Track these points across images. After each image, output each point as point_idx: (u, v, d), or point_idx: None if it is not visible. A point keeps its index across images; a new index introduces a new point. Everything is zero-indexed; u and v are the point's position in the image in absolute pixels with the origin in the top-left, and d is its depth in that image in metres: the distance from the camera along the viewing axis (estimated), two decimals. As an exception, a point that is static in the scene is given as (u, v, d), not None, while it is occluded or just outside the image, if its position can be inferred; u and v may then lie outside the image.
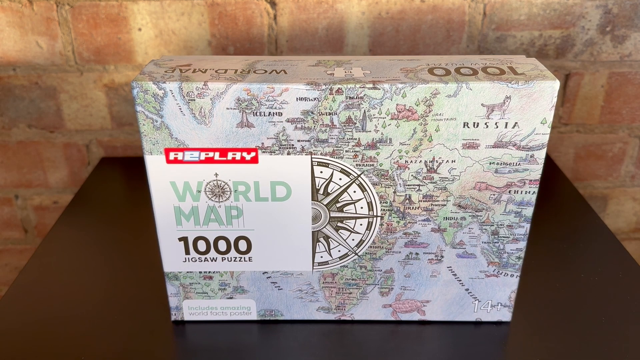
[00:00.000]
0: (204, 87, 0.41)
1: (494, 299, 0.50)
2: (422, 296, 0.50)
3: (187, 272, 0.49)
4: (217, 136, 0.42)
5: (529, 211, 0.46)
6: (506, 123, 0.42)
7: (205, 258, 0.48)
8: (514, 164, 0.43)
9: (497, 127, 0.42)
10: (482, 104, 0.41)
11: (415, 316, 0.51)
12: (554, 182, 0.76)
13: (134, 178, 0.79)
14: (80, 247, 0.65)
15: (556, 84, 0.41)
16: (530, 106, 0.41)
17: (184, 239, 0.47)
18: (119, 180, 0.78)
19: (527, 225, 0.46)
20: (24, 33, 0.76)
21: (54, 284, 0.58)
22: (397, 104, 0.41)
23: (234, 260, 0.48)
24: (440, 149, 0.43)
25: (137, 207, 0.73)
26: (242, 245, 0.48)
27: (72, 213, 0.71)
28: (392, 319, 0.51)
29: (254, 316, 0.51)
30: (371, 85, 0.40)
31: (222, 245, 0.48)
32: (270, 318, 0.51)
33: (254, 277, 0.49)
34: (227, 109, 0.41)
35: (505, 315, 0.51)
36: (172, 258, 0.48)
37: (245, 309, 0.51)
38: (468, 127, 0.42)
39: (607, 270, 0.59)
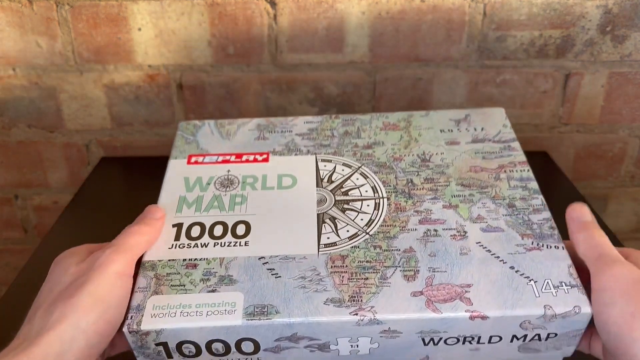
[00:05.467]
0: (233, 120, 0.54)
1: (552, 277, 0.40)
2: (459, 279, 0.40)
3: (169, 260, 0.42)
4: (235, 146, 0.51)
5: (534, 184, 0.47)
6: (475, 128, 0.52)
7: (196, 244, 0.43)
8: (497, 152, 0.50)
9: (468, 130, 0.52)
10: (449, 119, 0.53)
11: (460, 307, 0.38)
12: (554, 182, 0.76)
13: (134, 178, 0.79)
14: (80, 247, 0.65)
15: (501, 110, 0.54)
16: (488, 119, 0.53)
17: (178, 225, 0.45)
18: (119, 180, 0.78)
19: (541, 197, 0.46)
20: (23, 33, 0.76)
21: (54, 284, 0.58)
22: (382, 122, 0.53)
23: (228, 245, 0.43)
24: (427, 146, 0.51)
25: (137, 207, 0.73)
26: (240, 230, 0.44)
27: (72, 213, 0.71)
28: (431, 313, 0.38)
29: (238, 317, 0.39)
30: (361, 114, 0.55)
31: (217, 230, 0.44)
32: (262, 318, 0.39)
33: (247, 264, 0.42)
34: (248, 130, 0.53)
35: (581, 300, 0.38)
36: (157, 245, 0.43)
37: (228, 305, 0.39)
38: (444, 132, 0.52)
39: (607, 270, 0.59)
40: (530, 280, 0.40)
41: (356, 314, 0.38)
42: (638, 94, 0.81)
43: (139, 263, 0.42)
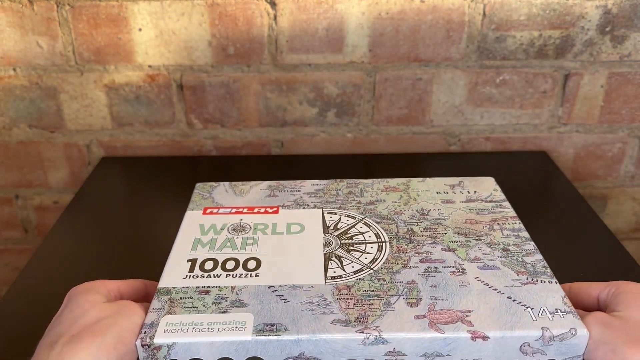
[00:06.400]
0: (246, 182, 0.60)
1: (548, 305, 0.43)
2: (460, 305, 0.43)
3: (183, 287, 0.45)
4: (248, 201, 0.57)
5: (525, 234, 0.51)
6: (468, 191, 0.58)
7: (209, 275, 0.46)
8: (489, 209, 0.55)
9: (462, 193, 0.58)
10: (444, 184, 0.59)
11: (462, 328, 0.41)
12: (554, 182, 0.76)
13: (134, 178, 0.79)
14: (80, 247, 0.65)
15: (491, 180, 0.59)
16: (480, 185, 0.59)
17: (192, 260, 0.48)
18: (119, 180, 0.79)
19: (532, 243, 0.50)
20: (24, 33, 0.76)
21: (54, 284, 0.58)
22: (383, 185, 0.59)
23: (239, 276, 0.46)
24: (425, 204, 0.56)
25: (137, 207, 0.73)
26: (251, 264, 0.48)
27: (72, 213, 0.71)
28: (434, 332, 0.40)
29: (248, 333, 0.41)
30: (364, 179, 0.60)
31: (229, 265, 0.48)
32: (270, 335, 0.41)
33: (257, 291, 0.45)
34: (260, 189, 0.59)
35: (576, 323, 0.41)
36: (172, 276, 0.46)
37: (238, 324, 0.42)
38: (440, 194, 0.58)
39: (607, 270, 0.59)
40: (527, 308, 0.43)
41: (362, 332, 0.40)
42: (637, 94, 0.81)
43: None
